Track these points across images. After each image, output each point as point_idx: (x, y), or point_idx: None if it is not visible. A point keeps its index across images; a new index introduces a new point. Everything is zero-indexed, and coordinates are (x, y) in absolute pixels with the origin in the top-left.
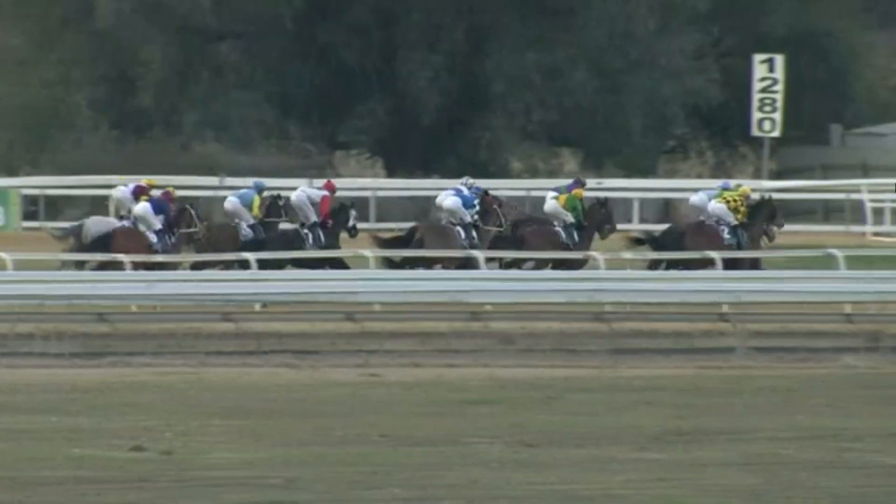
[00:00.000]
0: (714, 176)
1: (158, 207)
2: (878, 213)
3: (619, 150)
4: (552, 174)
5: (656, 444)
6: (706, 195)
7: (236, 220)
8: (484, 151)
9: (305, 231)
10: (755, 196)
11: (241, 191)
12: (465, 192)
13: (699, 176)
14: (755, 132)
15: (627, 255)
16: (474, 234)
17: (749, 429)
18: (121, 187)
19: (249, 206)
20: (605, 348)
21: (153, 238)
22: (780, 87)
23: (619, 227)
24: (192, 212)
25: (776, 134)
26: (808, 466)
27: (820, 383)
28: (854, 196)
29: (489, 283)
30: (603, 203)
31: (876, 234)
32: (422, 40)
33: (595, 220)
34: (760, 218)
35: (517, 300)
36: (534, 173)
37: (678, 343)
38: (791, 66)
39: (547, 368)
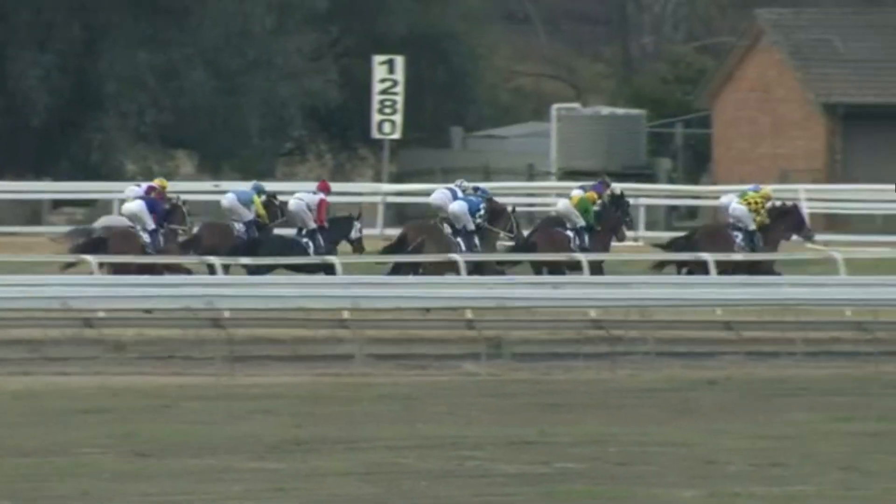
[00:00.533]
0: (333, 179)
1: (152, 206)
2: None
3: (236, 152)
4: (168, 176)
5: (274, 453)
6: (735, 196)
7: (233, 219)
8: (97, 153)
9: (306, 240)
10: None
11: (239, 189)
12: (460, 193)
13: (318, 179)
14: (375, 134)
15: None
16: (476, 240)
17: (368, 437)
18: (133, 188)
19: (247, 205)
20: (221, 355)
21: (146, 238)
22: (400, 88)
23: None
24: (184, 210)
25: (396, 136)
26: (428, 475)
27: (440, 391)
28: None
29: (101, 288)
30: (618, 204)
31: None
32: (32, 38)
33: (609, 223)
34: (783, 225)
35: (132, 306)
36: (149, 175)
37: (297, 350)
38: (411, 68)
39: (161, 376)
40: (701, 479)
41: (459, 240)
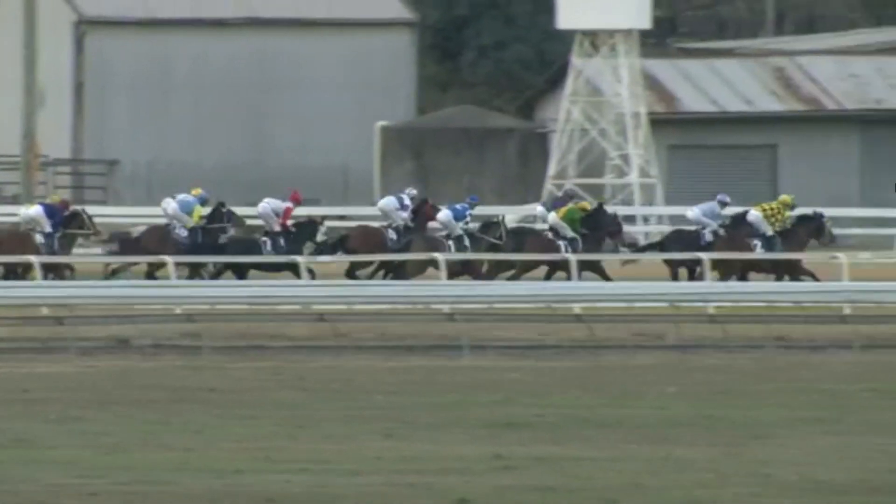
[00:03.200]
0: None
1: (50, 212)
2: None
3: None
4: None
5: None
6: (701, 210)
7: (176, 225)
8: None
9: (264, 238)
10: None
11: (181, 197)
12: (407, 201)
13: None
14: None
15: None
16: (467, 243)
17: None
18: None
19: (189, 213)
20: None
21: (41, 240)
22: None
23: None
24: (85, 216)
25: None
26: None
27: None
28: None
29: None
30: (601, 208)
31: None
32: None
33: (605, 228)
34: (804, 231)
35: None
36: None
37: None
38: None
39: None
40: None
41: (450, 243)
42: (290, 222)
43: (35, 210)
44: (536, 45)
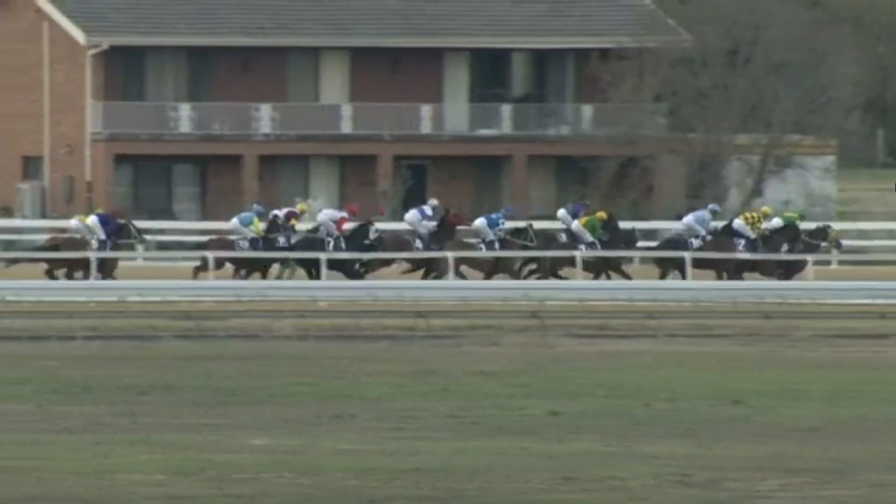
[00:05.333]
0: None
1: (105, 222)
2: None
3: None
4: None
5: None
6: (693, 217)
7: (239, 237)
8: None
9: (329, 239)
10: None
11: (243, 213)
12: (429, 211)
13: None
14: None
15: None
16: (496, 247)
17: None
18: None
19: (247, 225)
20: None
21: (95, 245)
22: None
23: None
24: (132, 227)
25: None
26: None
27: None
28: None
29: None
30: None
31: None
32: None
33: (622, 236)
34: (781, 238)
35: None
36: None
37: None
38: None
39: None
40: None
41: (482, 247)
42: (345, 226)
43: (91, 220)
44: None
